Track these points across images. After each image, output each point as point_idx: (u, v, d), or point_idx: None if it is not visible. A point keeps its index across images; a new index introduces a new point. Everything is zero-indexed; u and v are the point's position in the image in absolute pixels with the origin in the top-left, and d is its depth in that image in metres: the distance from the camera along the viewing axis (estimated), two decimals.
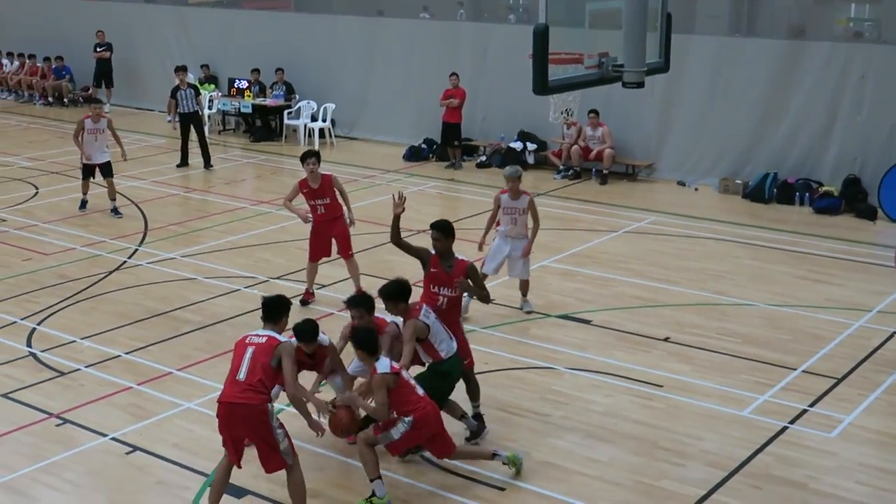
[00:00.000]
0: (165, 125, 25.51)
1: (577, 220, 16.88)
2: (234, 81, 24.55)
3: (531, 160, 20.60)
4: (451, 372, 8.88)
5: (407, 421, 8.13)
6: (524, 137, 21.01)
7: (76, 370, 10.80)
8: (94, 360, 11.06)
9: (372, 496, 8.12)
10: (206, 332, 11.88)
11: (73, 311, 12.60)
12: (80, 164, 17.15)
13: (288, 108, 23.82)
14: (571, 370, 10.86)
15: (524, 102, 17.41)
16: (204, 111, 22.01)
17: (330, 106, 23.41)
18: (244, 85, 24.24)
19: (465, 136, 21.31)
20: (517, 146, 20.87)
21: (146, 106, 27.75)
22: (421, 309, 8.80)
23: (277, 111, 24.03)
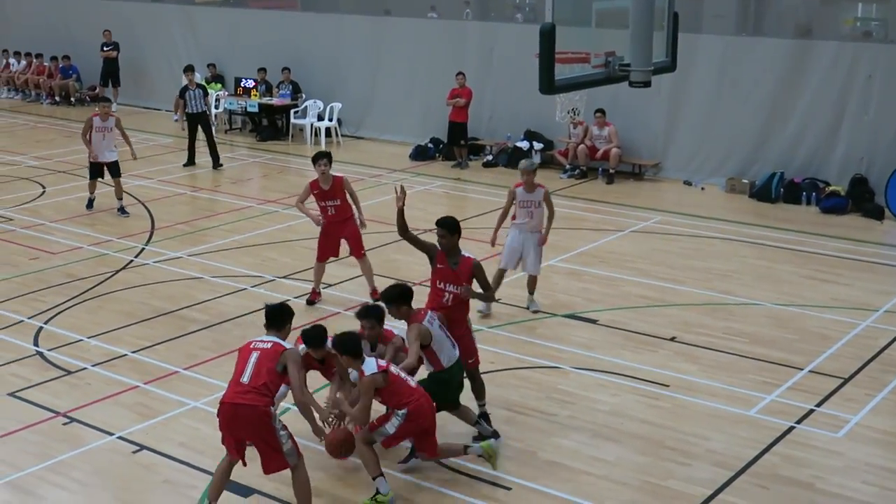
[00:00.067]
0: (172, 124, 25.57)
1: (583, 219, 16.87)
2: (240, 80, 24.58)
3: (537, 159, 20.54)
4: (450, 380, 8.85)
5: (401, 414, 8.15)
6: (530, 137, 21.01)
7: (83, 369, 10.82)
8: (100, 358, 11.08)
9: (376, 494, 8.14)
10: (212, 331, 11.89)
11: (79, 309, 12.62)
12: (87, 162, 17.18)
13: (294, 107, 23.83)
14: (578, 369, 10.85)
15: (530, 102, 17.37)
16: (212, 111, 22.01)
17: (336, 105, 23.41)
18: (251, 84, 24.26)
19: (471, 135, 21.32)
20: (523, 145, 20.86)
21: (153, 105, 27.81)
22: (426, 315, 8.79)
23: (284, 110, 24.04)
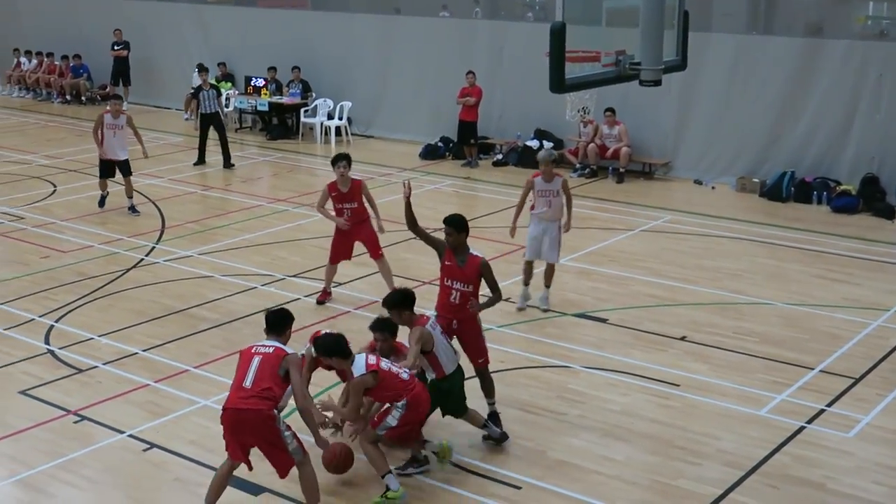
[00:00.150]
0: (183, 123, 25.64)
1: (593, 218, 16.85)
2: (250, 79, 24.62)
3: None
4: (451, 389, 8.81)
5: (401, 405, 8.18)
6: (540, 135, 21.00)
7: (94, 367, 10.85)
8: (111, 357, 11.11)
9: (386, 491, 8.14)
10: (222, 329, 11.91)
11: (90, 308, 12.65)
12: (97, 161, 17.13)
13: (304, 106, 23.87)
14: (588, 369, 10.84)
15: (540, 100, 17.39)
16: (224, 112, 21.97)
17: (346, 104, 23.43)
18: (261, 83, 24.30)
19: (481, 134, 21.32)
20: (533, 144, 20.83)
21: (163, 104, 27.87)
22: (428, 320, 8.77)
23: (294, 109, 24.08)
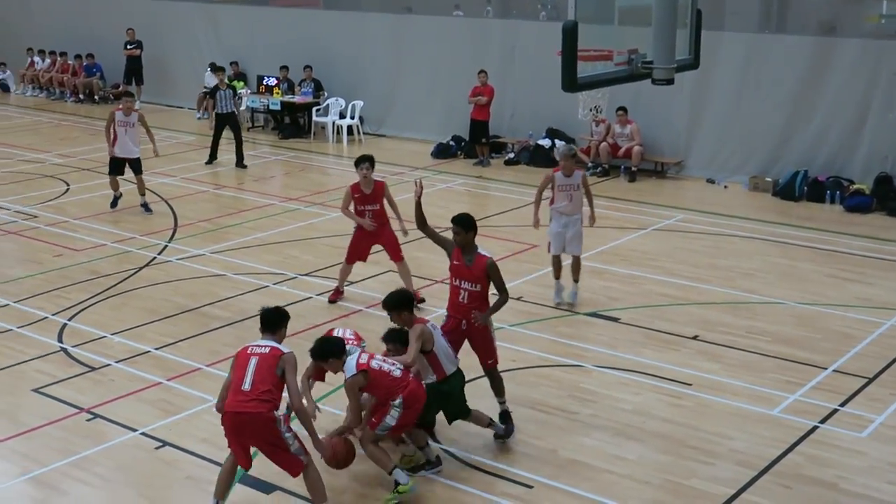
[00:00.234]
0: (195, 122, 25.70)
1: (605, 217, 16.78)
2: (262, 78, 24.66)
3: (559, 157, 20.52)
4: (451, 392, 8.77)
5: (397, 403, 8.16)
6: (552, 134, 20.97)
7: (106, 365, 10.88)
8: (123, 355, 11.14)
9: (397, 486, 8.15)
10: (234, 328, 11.92)
11: (103, 306, 12.69)
12: (108, 158, 17.16)
13: (316, 105, 23.90)
14: (600, 368, 10.83)
15: (552, 99, 17.37)
16: (240, 112, 21.96)
17: (358, 103, 23.45)
18: (273, 82, 24.34)
19: (493, 133, 21.32)
20: (545, 143, 20.82)
21: (176, 103, 27.95)
22: (427, 322, 8.74)
23: (306, 108, 24.11)
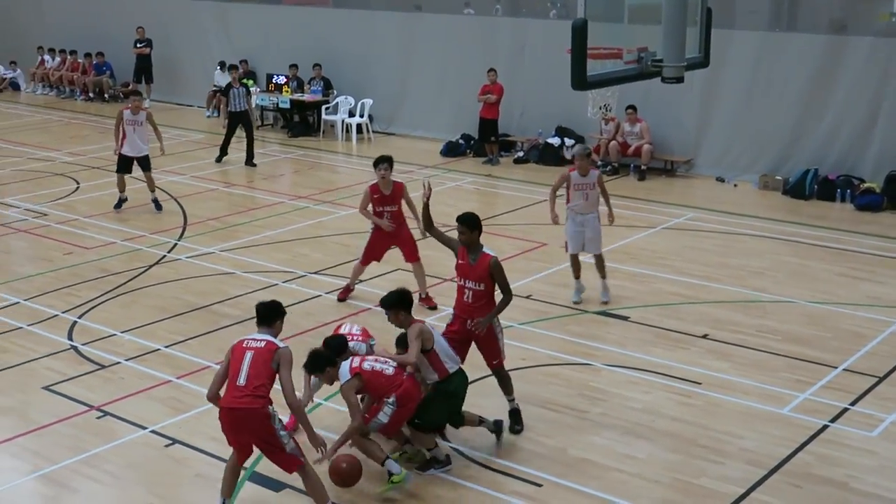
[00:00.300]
0: (205, 120, 25.73)
1: (615, 215, 16.75)
2: (272, 77, 24.68)
3: (569, 156, 20.50)
4: (457, 391, 8.76)
5: (391, 402, 8.20)
6: (562, 133, 20.94)
7: (116, 363, 10.90)
8: (133, 353, 11.16)
9: (391, 477, 8.18)
10: (244, 326, 11.90)
11: (113, 304, 12.72)
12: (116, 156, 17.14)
13: (326, 103, 23.91)
14: (609, 367, 10.81)
15: (562, 98, 17.36)
16: (253, 110, 21.90)
17: (367, 101, 23.46)
18: (282, 80, 24.36)
19: (502, 131, 21.30)
20: (555, 142, 20.80)
21: (185, 101, 27.98)
22: (423, 323, 8.70)
23: (315, 106, 24.11)
